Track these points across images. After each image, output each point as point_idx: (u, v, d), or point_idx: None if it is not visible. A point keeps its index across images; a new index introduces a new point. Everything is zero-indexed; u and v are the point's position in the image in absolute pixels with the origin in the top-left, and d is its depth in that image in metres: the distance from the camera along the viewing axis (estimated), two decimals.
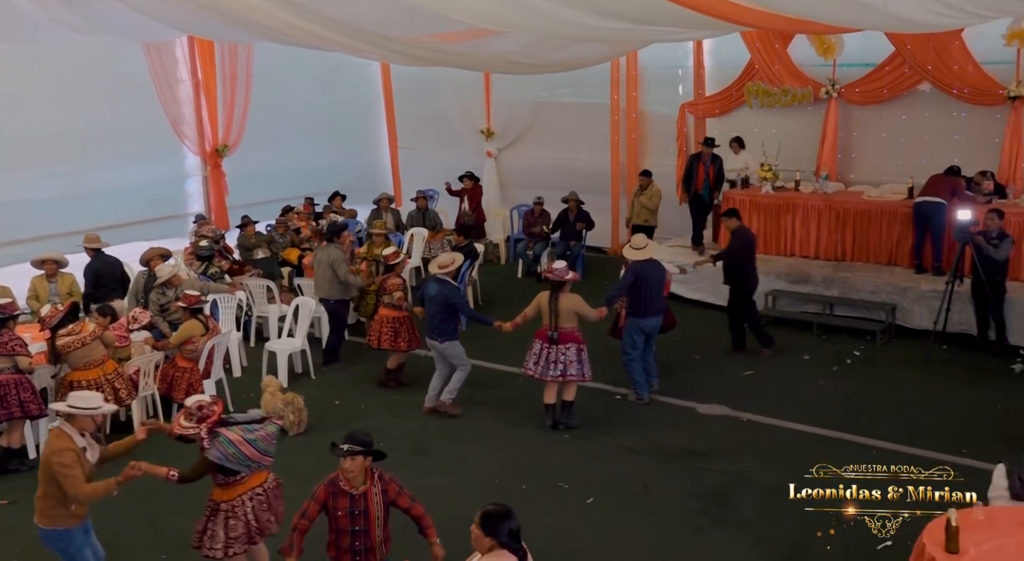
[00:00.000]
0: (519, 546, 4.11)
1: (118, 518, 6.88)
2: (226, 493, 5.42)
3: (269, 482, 5.60)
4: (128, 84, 13.79)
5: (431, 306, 8.68)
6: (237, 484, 5.42)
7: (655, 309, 8.90)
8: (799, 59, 13.09)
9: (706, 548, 6.44)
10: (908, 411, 8.57)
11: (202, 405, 5.43)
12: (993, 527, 5.03)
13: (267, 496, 5.53)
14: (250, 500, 5.44)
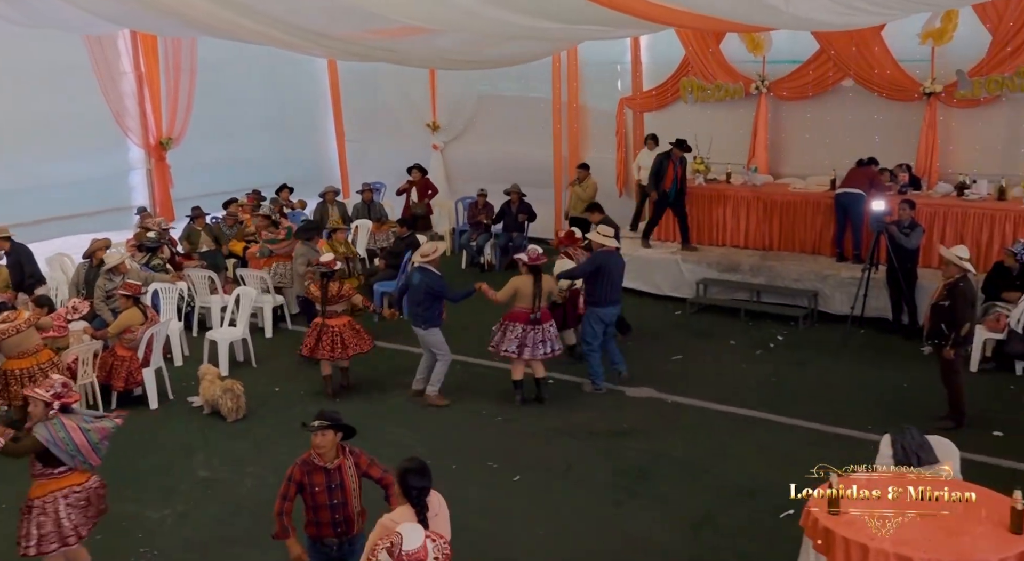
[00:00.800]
0: (424, 504, 4.48)
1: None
2: (39, 489, 5.47)
3: (92, 483, 5.60)
4: (70, 76, 13.82)
5: (414, 294, 8.76)
6: (53, 479, 5.45)
7: (614, 299, 9.22)
8: (731, 56, 13.56)
9: (622, 518, 6.81)
10: (821, 391, 9.04)
11: (67, 385, 5.51)
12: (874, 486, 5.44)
13: (87, 496, 5.55)
14: (64, 498, 5.45)
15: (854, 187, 11.06)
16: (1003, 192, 10.67)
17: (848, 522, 5.08)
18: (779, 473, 6.60)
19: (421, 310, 8.76)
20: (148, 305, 9.19)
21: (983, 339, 9.40)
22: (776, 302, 11.47)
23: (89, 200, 14.27)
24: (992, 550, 4.76)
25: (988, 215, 10.60)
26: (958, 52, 11.63)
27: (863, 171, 11.29)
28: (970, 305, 7.84)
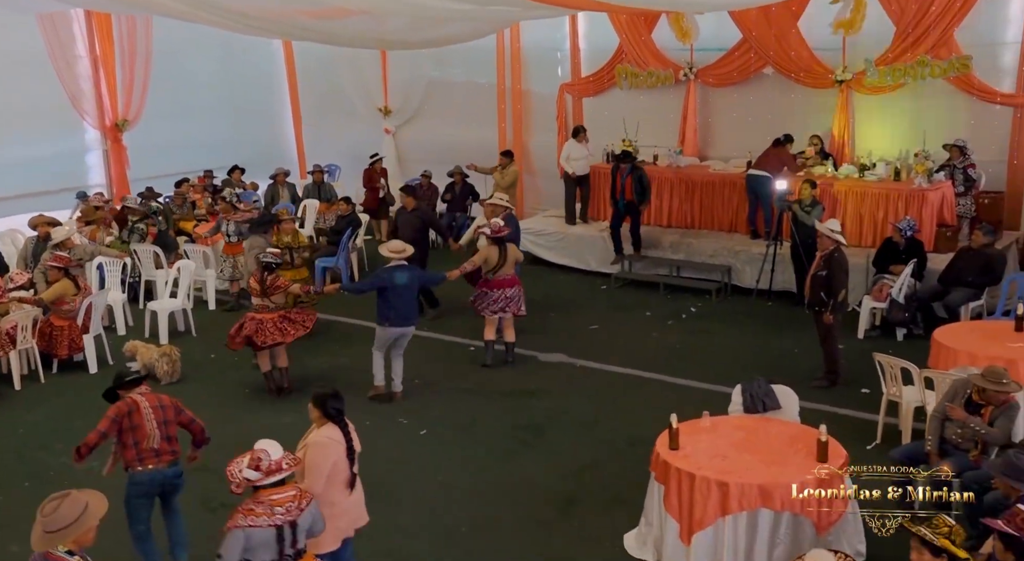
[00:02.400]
0: (344, 421, 5.28)
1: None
2: None
3: None
4: (26, 60, 14.28)
5: (405, 293, 8.62)
6: None
7: None
8: (661, 44, 14.18)
9: (515, 466, 7.50)
10: (719, 356, 9.76)
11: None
12: (715, 431, 6.18)
13: None
14: None
15: (765, 168, 11.75)
16: (898, 173, 11.39)
17: (683, 456, 5.80)
18: (662, 426, 7.27)
19: (410, 308, 8.77)
20: (81, 276, 9.71)
21: (869, 308, 10.15)
22: (693, 276, 12.18)
23: (46, 180, 14.75)
24: (795, 475, 5.47)
25: (884, 194, 11.33)
26: (866, 42, 12.33)
27: (775, 152, 11.97)
28: (844, 273, 8.54)
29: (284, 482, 4.59)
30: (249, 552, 4.41)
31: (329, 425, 5.27)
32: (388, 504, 6.90)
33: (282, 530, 4.45)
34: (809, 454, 5.72)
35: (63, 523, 4.03)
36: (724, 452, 5.86)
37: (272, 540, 4.44)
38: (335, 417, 5.27)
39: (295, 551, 4.54)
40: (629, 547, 6.21)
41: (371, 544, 6.35)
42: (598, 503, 6.82)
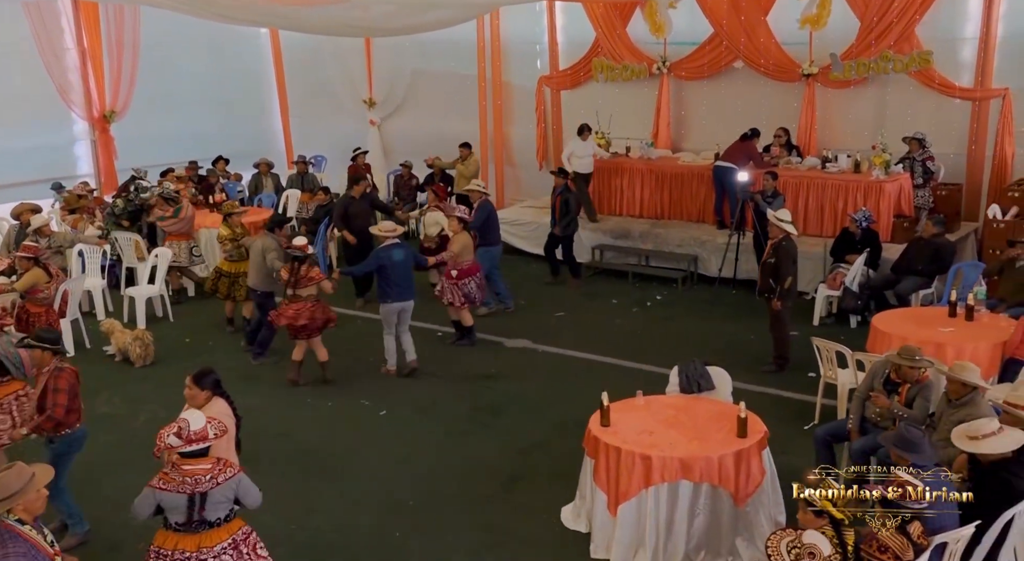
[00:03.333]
0: (224, 392, 5.65)
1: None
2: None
3: (26, 390, 6.77)
4: (14, 52, 14.57)
5: (402, 270, 9.09)
6: (3, 385, 6.68)
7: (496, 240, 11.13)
8: (636, 37, 14.47)
9: (466, 445, 7.84)
10: (675, 341, 10.04)
11: (5, 309, 6.55)
12: (648, 408, 6.50)
13: (29, 400, 6.63)
14: (15, 400, 6.67)
15: (731, 161, 12.04)
16: (858, 166, 11.68)
17: (612, 432, 6.11)
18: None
19: (409, 283, 9.21)
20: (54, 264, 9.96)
21: (824, 296, 10.45)
22: (662, 265, 12.48)
23: (35, 170, 15.04)
24: (715, 449, 5.80)
25: (844, 186, 11.63)
26: (832, 37, 12.60)
27: (742, 145, 12.26)
28: (792, 262, 8.84)
29: (206, 453, 4.88)
30: (166, 510, 4.78)
31: (217, 399, 5.62)
32: (341, 480, 7.26)
33: (192, 498, 4.76)
34: (731, 430, 6.03)
35: (9, 491, 4.31)
36: (651, 428, 6.17)
37: (183, 505, 4.77)
38: (218, 390, 5.69)
39: (202, 519, 4.81)
40: (565, 520, 6.53)
41: (321, 517, 6.70)
42: (542, 479, 7.14)
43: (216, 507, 4.83)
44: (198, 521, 4.81)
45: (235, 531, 4.95)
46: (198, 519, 4.80)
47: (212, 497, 4.79)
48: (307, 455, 7.68)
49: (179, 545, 4.80)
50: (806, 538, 4.28)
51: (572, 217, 11.97)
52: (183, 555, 4.78)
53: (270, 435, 7.96)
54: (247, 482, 4.99)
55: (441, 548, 6.26)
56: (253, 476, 6.59)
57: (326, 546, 6.34)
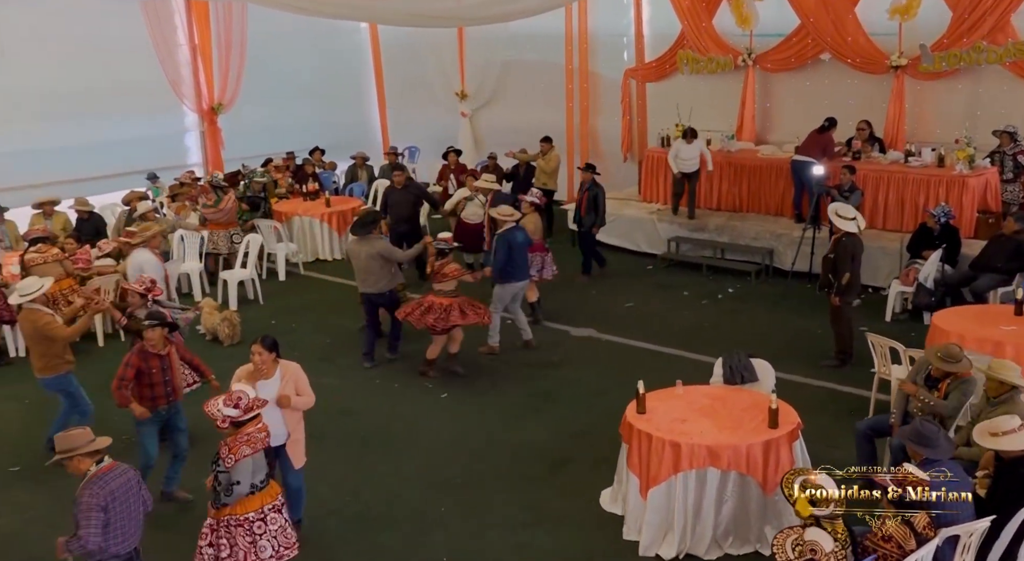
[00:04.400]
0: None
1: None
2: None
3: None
4: (133, 48, 15.56)
5: (523, 250, 9.61)
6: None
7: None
8: (722, 29, 14.40)
9: (520, 429, 8.13)
10: (741, 334, 10.07)
11: (155, 282, 7.58)
12: (685, 398, 6.66)
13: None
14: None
15: (806, 154, 11.92)
16: (942, 160, 11.38)
17: (646, 419, 6.30)
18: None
19: (526, 264, 9.73)
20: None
21: (897, 292, 10.27)
22: (737, 259, 12.46)
23: (149, 158, 16.02)
24: (744, 438, 5.92)
25: (925, 180, 11.35)
26: (922, 27, 12.27)
27: (818, 138, 12.11)
28: (851, 258, 8.75)
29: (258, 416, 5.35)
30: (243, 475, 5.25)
31: (287, 363, 6.19)
32: (395, 457, 7.68)
33: (268, 451, 5.32)
34: (764, 421, 6.13)
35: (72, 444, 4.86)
36: (685, 416, 6.32)
37: (262, 461, 5.31)
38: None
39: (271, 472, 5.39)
40: (603, 502, 6.75)
41: (372, 490, 7.13)
42: (586, 463, 7.37)
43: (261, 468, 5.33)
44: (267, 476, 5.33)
45: (276, 496, 5.47)
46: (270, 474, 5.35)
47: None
48: (367, 432, 8.13)
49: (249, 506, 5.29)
50: (807, 535, 4.38)
51: (600, 213, 12.07)
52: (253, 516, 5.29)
53: (337, 412, 8.46)
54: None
55: (479, 524, 6.58)
56: (317, 449, 7.18)
57: (374, 518, 6.74)
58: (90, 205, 12.56)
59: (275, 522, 5.33)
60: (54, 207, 12.33)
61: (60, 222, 12.35)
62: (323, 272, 13.33)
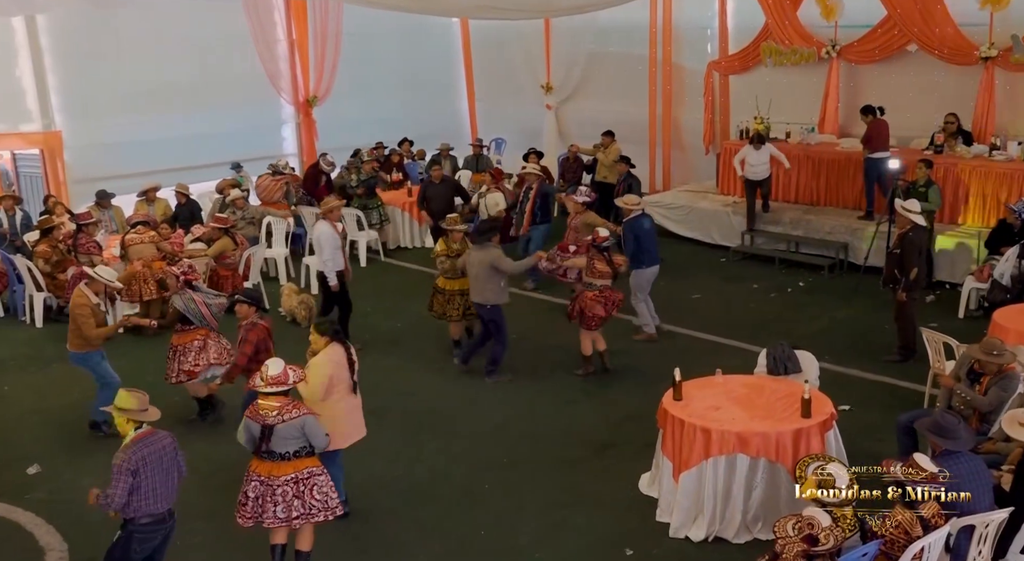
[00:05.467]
0: (343, 339, 6.43)
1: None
2: (182, 338, 8.03)
3: (211, 336, 8.07)
4: (234, 43, 16.37)
5: (652, 237, 9.91)
6: (188, 332, 8.01)
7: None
8: (806, 21, 14.20)
9: (567, 410, 8.40)
10: (803, 327, 10.04)
11: (192, 268, 8.12)
12: (723, 386, 6.77)
13: (204, 342, 8.04)
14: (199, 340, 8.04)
15: (881, 147, 11.72)
16: None
17: (681, 406, 6.45)
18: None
19: (656, 250, 9.99)
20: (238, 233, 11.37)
21: (971, 288, 10.04)
22: (811, 252, 12.34)
23: (247, 148, 16.80)
24: (774, 426, 6.01)
25: (1009, 175, 11.01)
26: (1015, 17, 11.87)
27: (883, 124, 11.90)
28: (918, 253, 8.64)
29: (286, 394, 5.70)
30: (250, 438, 5.69)
31: (335, 345, 6.37)
32: (448, 436, 8.02)
33: (263, 429, 5.61)
34: (797, 410, 6.19)
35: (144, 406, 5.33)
36: (720, 404, 6.44)
37: (257, 434, 5.65)
38: (336, 336, 6.42)
39: (267, 449, 5.64)
40: (642, 486, 6.93)
41: (422, 467, 7.48)
42: (631, 448, 7.54)
43: (283, 442, 5.61)
44: (265, 451, 5.64)
45: (300, 469, 5.70)
46: (265, 449, 5.64)
47: (278, 432, 5.58)
48: (425, 412, 8.49)
49: (256, 468, 5.70)
50: (805, 512, 4.49)
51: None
52: (257, 477, 5.68)
53: (399, 392, 8.87)
54: (313, 425, 5.70)
55: (519, 502, 6.85)
56: (377, 427, 7.58)
57: (420, 492, 7.08)
58: (188, 190, 13.34)
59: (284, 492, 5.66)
60: (156, 194, 13.15)
61: (161, 208, 13.17)
62: (403, 260, 13.82)
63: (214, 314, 7.93)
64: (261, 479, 5.65)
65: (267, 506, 5.64)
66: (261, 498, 5.66)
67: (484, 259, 8.81)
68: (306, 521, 5.73)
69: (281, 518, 5.66)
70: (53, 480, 7.48)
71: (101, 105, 14.47)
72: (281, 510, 5.64)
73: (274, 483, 5.62)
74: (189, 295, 7.82)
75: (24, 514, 6.99)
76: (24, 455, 7.87)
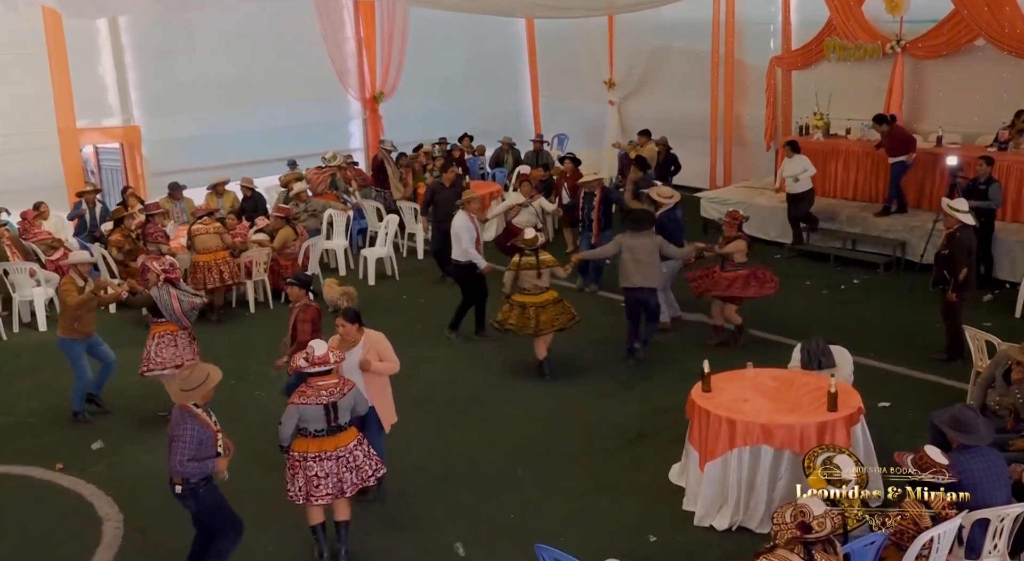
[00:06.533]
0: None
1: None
2: (157, 328, 8.31)
3: (181, 335, 8.29)
4: (304, 40, 16.84)
5: (681, 227, 10.44)
6: (162, 324, 8.26)
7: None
8: (871, 15, 13.99)
9: (607, 405, 8.48)
10: (851, 325, 9.94)
11: (174, 265, 8.31)
12: (753, 379, 6.83)
13: (174, 339, 8.25)
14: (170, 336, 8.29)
15: (904, 152, 11.60)
16: None
17: (708, 397, 6.53)
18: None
19: (681, 237, 10.21)
20: (299, 224, 11.76)
21: None
22: (867, 250, 12.18)
23: (315, 143, 17.24)
24: (798, 419, 6.05)
25: None
26: None
27: (904, 132, 11.75)
28: (967, 253, 8.49)
29: (330, 373, 5.97)
30: (304, 421, 5.89)
31: (369, 330, 6.69)
32: (486, 423, 8.23)
33: (327, 407, 5.86)
34: (823, 403, 6.22)
35: (196, 383, 5.66)
36: (748, 397, 6.49)
37: (321, 415, 5.89)
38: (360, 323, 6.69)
39: (336, 424, 5.93)
40: (671, 476, 7.03)
41: (458, 452, 7.70)
42: (664, 439, 7.62)
43: (344, 413, 5.97)
44: (335, 426, 5.94)
45: (357, 434, 6.11)
46: (335, 425, 5.94)
47: (341, 405, 5.92)
48: (465, 399, 8.71)
49: (322, 446, 5.94)
50: (800, 500, 4.54)
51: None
52: (325, 454, 5.93)
53: (443, 380, 9.12)
54: (360, 394, 6.11)
55: (548, 488, 7.00)
56: (418, 412, 7.84)
57: (455, 476, 7.29)
58: (253, 184, 13.84)
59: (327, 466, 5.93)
60: (225, 187, 13.67)
61: (229, 200, 13.69)
62: None
63: (185, 311, 8.15)
64: (329, 455, 5.93)
65: (345, 476, 5.97)
66: (334, 473, 5.95)
67: (651, 245, 9.07)
68: (376, 477, 6.15)
69: (358, 482, 6.03)
70: (113, 455, 7.93)
71: (176, 101, 15.08)
72: (357, 475, 6.02)
73: (344, 453, 5.96)
74: (167, 289, 8.12)
75: (87, 486, 7.44)
76: (89, 431, 8.35)
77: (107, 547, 6.51)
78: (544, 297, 8.97)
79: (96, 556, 6.43)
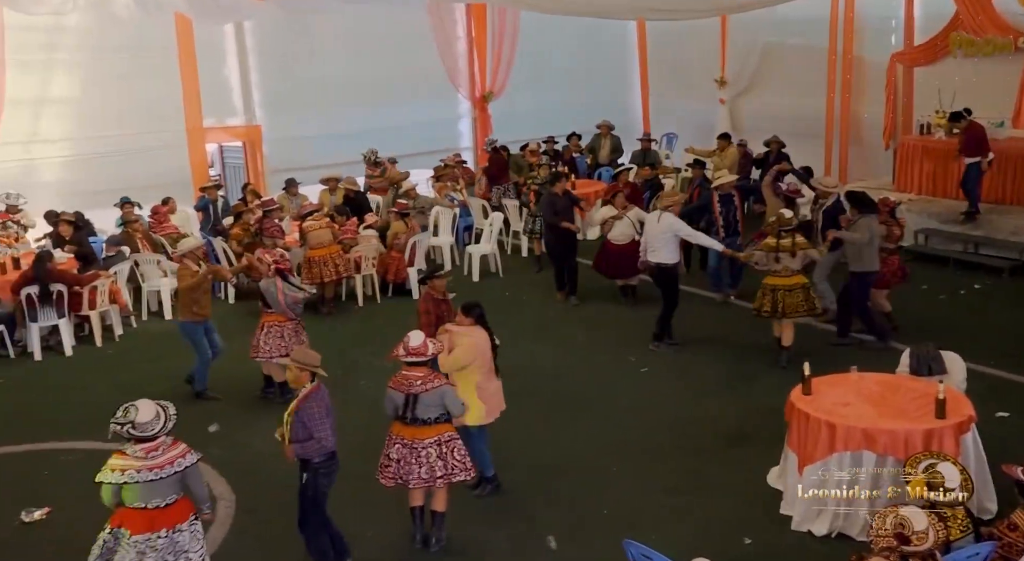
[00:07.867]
0: (486, 324, 6.79)
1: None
2: (266, 317, 8.65)
3: (288, 325, 8.59)
4: (416, 41, 17.21)
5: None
6: (271, 315, 8.59)
7: None
8: (1002, 8, 13.36)
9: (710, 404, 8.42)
10: (964, 332, 9.46)
11: (285, 257, 8.70)
12: (857, 384, 6.66)
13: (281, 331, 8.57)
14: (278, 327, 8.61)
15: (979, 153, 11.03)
16: None
17: (809, 400, 6.41)
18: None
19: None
20: (410, 219, 12.07)
21: None
22: (991, 254, 11.65)
23: (427, 141, 17.63)
24: (902, 425, 5.87)
25: None
26: None
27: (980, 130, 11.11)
28: None
29: (425, 364, 6.11)
30: (393, 404, 6.13)
31: (478, 328, 6.79)
32: (584, 419, 8.28)
33: (407, 397, 6.04)
34: (931, 411, 6.01)
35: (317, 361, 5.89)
36: (850, 401, 6.33)
37: (401, 402, 6.09)
38: (480, 319, 6.82)
39: (412, 416, 6.07)
40: (770, 479, 6.91)
41: (553, 446, 7.78)
42: (764, 440, 7.47)
43: (426, 409, 6.06)
44: (411, 417, 6.09)
45: (442, 433, 6.16)
46: (410, 416, 6.08)
47: (422, 400, 6.04)
48: (564, 395, 8.78)
49: (400, 432, 6.15)
50: (902, 511, 4.40)
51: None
52: (400, 440, 6.13)
53: (543, 375, 9.21)
54: (451, 395, 6.16)
55: (643, 485, 7.01)
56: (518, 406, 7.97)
57: (553, 469, 7.37)
58: (356, 185, 14.23)
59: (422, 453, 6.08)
60: (337, 184, 14.11)
61: (340, 195, 14.12)
62: None
63: (289, 304, 8.48)
64: (404, 442, 6.11)
65: (412, 468, 6.11)
66: (404, 460, 6.13)
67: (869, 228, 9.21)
68: (447, 481, 6.18)
69: (425, 478, 6.13)
70: (229, 438, 8.32)
71: (295, 101, 15.64)
72: (425, 471, 6.10)
73: (417, 446, 6.10)
74: (274, 280, 8.47)
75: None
76: (208, 415, 8.77)
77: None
78: (793, 280, 9.00)
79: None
